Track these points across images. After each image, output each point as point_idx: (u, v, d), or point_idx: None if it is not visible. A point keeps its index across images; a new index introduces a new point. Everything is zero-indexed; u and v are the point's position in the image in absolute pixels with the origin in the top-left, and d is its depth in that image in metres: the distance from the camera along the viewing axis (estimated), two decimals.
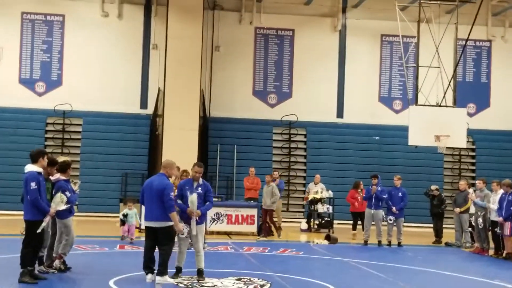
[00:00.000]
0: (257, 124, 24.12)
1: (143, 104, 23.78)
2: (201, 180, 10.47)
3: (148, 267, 10.00)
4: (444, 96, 20.00)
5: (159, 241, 9.94)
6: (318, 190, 20.16)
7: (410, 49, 21.48)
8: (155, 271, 9.93)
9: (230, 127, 23.87)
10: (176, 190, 10.50)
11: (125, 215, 14.91)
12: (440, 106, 20.02)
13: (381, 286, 10.67)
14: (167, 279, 9.86)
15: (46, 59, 23.53)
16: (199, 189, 10.34)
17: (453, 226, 18.11)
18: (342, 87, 24.70)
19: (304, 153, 24.47)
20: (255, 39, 24.60)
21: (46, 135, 23.20)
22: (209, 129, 23.37)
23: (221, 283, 9.98)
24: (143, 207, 11.39)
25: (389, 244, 16.68)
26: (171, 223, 9.84)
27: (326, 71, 24.68)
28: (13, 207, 20.06)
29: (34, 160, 9.58)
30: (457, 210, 17.21)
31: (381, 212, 16.84)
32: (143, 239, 11.23)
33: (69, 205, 10.14)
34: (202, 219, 10.42)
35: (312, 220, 20.19)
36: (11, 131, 22.58)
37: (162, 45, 21.89)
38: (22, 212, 9.57)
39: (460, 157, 24.64)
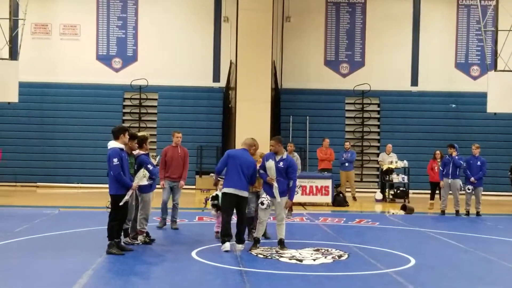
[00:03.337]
0: (329, 95, 24.01)
1: (216, 77, 24.08)
2: (285, 154, 10.57)
3: (229, 234, 10.25)
4: None
5: (241, 210, 10.31)
6: (392, 160, 19.98)
7: (488, 12, 20.78)
8: (234, 239, 10.30)
9: (302, 98, 23.88)
10: None
11: (215, 198, 11.39)
12: None
13: (461, 256, 10.56)
14: (244, 246, 10.26)
15: (121, 35, 24.09)
16: (281, 163, 10.43)
17: None
18: (417, 54, 24.22)
19: (378, 123, 24.22)
20: (326, 8, 24.37)
21: (124, 110, 23.87)
22: (281, 100, 23.43)
23: (299, 253, 10.11)
24: None
25: (467, 213, 16.40)
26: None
27: (400, 38, 24.26)
28: (97, 180, 20.92)
29: (115, 137, 9.86)
30: None
31: (459, 182, 16.54)
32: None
33: (151, 181, 10.47)
34: (290, 195, 10.54)
35: (387, 190, 20.05)
36: (91, 107, 23.33)
37: (233, 18, 22.01)
38: (107, 186, 9.95)
39: None
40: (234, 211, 10.41)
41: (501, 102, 18.87)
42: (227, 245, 10.18)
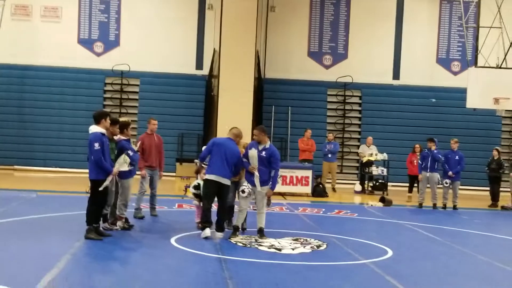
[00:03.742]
0: (312, 86, 24.06)
1: (199, 65, 23.98)
2: (268, 144, 10.58)
3: (209, 221, 10.30)
4: (505, 58, 19.54)
5: (222, 198, 10.36)
6: (372, 152, 20.12)
7: (470, 9, 20.93)
8: (215, 227, 10.39)
9: (285, 88, 23.90)
10: None
11: (198, 187, 11.09)
12: (500, 67, 19.59)
13: (437, 249, 10.68)
14: (223, 234, 10.34)
15: (104, 20, 23.86)
16: (263, 152, 10.45)
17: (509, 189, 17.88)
18: (399, 48, 24.35)
19: (359, 115, 24.34)
20: (311, 0, 24.35)
21: (105, 95, 23.69)
22: (264, 90, 23.43)
23: (278, 243, 10.16)
24: None
25: (444, 207, 16.59)
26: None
27: (383, 31, 24.36)
28: (75, 165, 20.77)
29: (97, 121, 9.78)
30: None
31: (437, 175, 16.70)
32: None
33: (132, 167, 10.42)
34: (272, 184, 10.53)
35: (366, 182, 20.18)
36: (72, 91, 23.11)
37: (218, 6, 21.89)
38: (87, 171, 9.88)
39: None
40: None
41: (480, 98, 19.03)
42: (207, 231, 10.20)
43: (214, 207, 10.52)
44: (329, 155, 20.10)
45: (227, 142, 10.48)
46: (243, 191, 10.41)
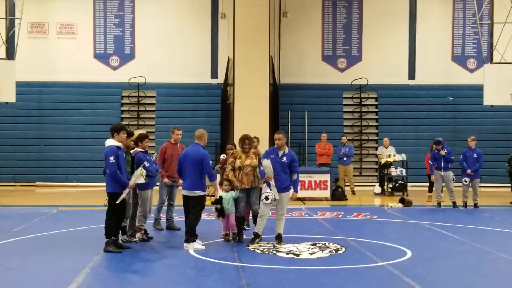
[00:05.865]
0: (327, 89, 24.05)
1: (214, 74, 24.11)
2: (286, 149, 10.59)
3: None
4: None
5: (190, 209, 10.25)
6: (390, 153, 20.02)
7: (484, 5, 20.81)
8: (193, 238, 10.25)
9: (300, 93, 23.91)
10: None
11: (219, 201, 10.85)
12: None
13: (456, 248, 10.61)
14: (194, 245, 10.09)
15: (118, 33, 24.11)
16: (284, 158, 10.47)
17: None
18: (414, 47, 24.23)
19: (376, 117, 24.26)
20: (323, 3, 24.39)
21: (122, 108, 23.90)
22: (279, 96, 23.45)
23: (297, 248, 10.18)
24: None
25: (465, 205, 16.45)
26: (202, 193, 10.23)
27: (397, 32, 24.27)
28: (96, 178, 20.95)
29: (112, 135, 9.95)
30: None
31: (451, 173, 16.50)
32: None
33: (149, 179, 10.49)
34: (295, 187, 10.68)
35: (385, 183, 20.10)
36: (90, 105, 23.37)
37: (230, 14, 22.03)
38: (104, 184, 10.00)
39: None
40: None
41: (497, 94, 18.93)
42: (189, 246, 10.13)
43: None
44: (344, 158, 20.05)
45: (189, 150, 10.36)
46: (266, 198, 10.38)
